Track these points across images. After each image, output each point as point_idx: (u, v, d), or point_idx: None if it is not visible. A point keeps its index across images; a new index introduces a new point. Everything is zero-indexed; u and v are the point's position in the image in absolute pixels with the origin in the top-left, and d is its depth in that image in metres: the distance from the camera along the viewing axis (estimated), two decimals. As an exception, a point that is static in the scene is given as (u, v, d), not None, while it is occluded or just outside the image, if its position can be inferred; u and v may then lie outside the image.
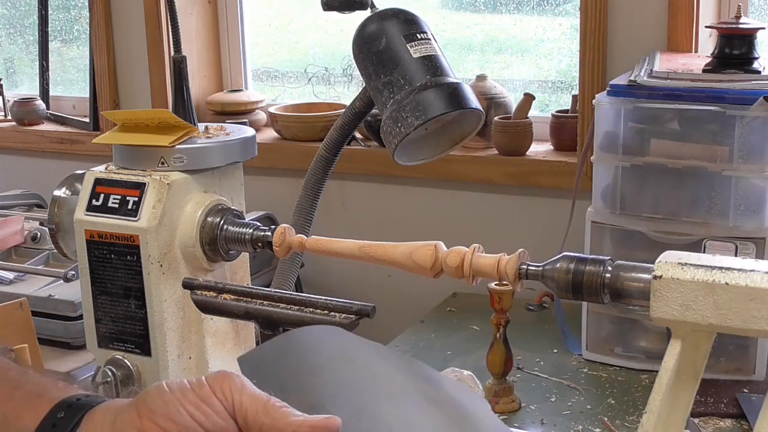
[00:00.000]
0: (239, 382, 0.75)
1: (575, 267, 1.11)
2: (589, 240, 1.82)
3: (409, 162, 1.38)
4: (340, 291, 2.46)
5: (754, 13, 2.21)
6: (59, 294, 2.18)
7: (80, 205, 1.38)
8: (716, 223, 1.73)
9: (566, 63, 2.49)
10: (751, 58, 1.79)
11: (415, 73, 1.30)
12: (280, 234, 1.32)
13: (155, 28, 2.69)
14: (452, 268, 1.19)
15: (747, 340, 1.72)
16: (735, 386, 1.72)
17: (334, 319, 1.23)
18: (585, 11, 2.17)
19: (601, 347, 1.87)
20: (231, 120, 2.49)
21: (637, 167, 1.79)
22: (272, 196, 2.55)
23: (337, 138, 1.47)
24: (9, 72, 3.31)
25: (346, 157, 1.65)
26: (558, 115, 2.34)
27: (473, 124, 1.38)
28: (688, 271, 0.96)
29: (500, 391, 1.68)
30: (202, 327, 1.41)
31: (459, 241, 1.25)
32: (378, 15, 1.36)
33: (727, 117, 1.69)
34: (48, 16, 3.05)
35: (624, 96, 1.76)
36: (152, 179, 1.34)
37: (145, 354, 1.37)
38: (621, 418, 1.64)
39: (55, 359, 2.08)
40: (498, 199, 2.37)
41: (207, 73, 2.80)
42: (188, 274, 1.37)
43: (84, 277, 1.39)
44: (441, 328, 2.08)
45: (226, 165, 1.42)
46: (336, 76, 2.78)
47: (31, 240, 2.46)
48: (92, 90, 2.85)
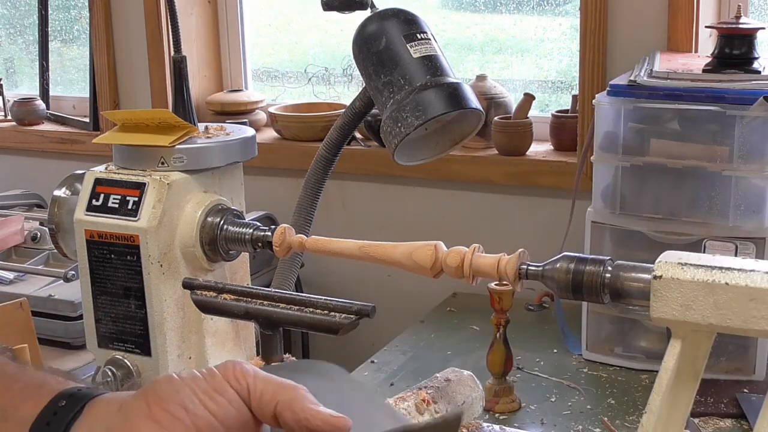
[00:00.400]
0: (250, 367, 0.74)
1: (575, 267, 1.11)
2: (589, 240, 1.82)
3: (409, 162, 1.38)
4: (340, 291, 2.46)
5: (754, 13, 2.21)
6: (59, 294, 2.19)
7: (80, 205, 1.38)
8: (716, 223, 1.73)
9: (566, 63, 2.49)
10: (751, 58, 1.79)
11: (415, 73, 1.30)
12: (280, 234, 1.32)
13: (155, 28, 2.69)
14: (452, 268, 1.19)
15: (747, 340, 1.72)
16: (735, 386, 1.72)
17: (334, 319, 1.23)
18: (585, 11, 2.17)
19: (601, 347, 1.87)
20: (231, 120, 2.49)
21: (637, 167, 1.79)
22: (272, 196, 2.55)
23: (337, 138, 1.47)
24: (9, 72, 3.31)
25: (346, 157, 1.65)
26: (558, 115, 2.34)
27: (473, 124, 1.38)
28: (688, 271, 0.96)
29: (500, 391, 1.68)
30: (202, 327, 1.41)
31: (459, 241, 1.25)
32: (378, 15, 1.36)
33: (727, 117, 1.69)
34: (48, 16, 3.05)
35: (624, 96, 1.76)
36: (152, 179, 1.34)
37: (145, 354, 1.37)
38: (621, 418, 1.64)
39: (55, 359, 2.08)
40: (498, 199, 2.37)
41: (207, 73, 2.80)
42: (188, 274, 1.37)
43: (84, 277, 1.39)
44: (441, 328, 2.08)
45: (226, 165, 1.42)
46: (336, 76, 2.78)
47: (31, 240, 2.46)
48: (92, 90, 2.85)
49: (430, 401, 1.42)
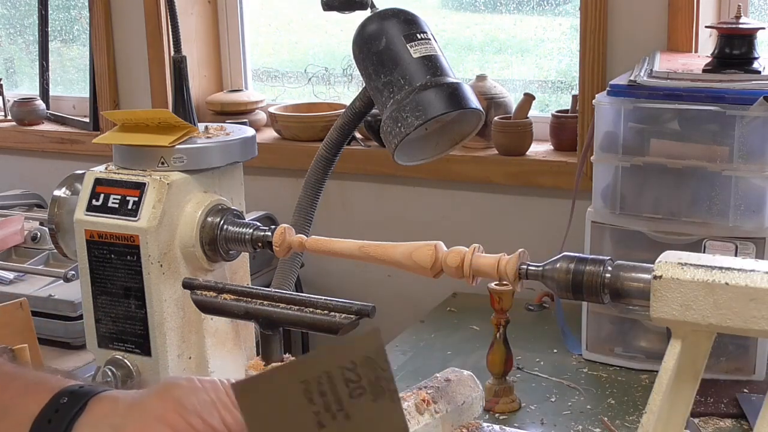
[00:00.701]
0: None
1: (575, 267, 1.11)
2: (589, 240, 1.82)
3: (409, 162, 1.38)
4: (340, 291, 2.46)
5: (754, 13, 2.21)
6: (59, 294, 2.18)
7: (80, 205, 1.38)
8: (716, 223, 1.73)
9: (566, 63, 2.49)
10: (751, 58, 1.79)
11: (415, 73, 1.30)
12: (280, 234, 1.32)
13: (155, 28, 2.69)
14: (452, 268, 1.19)
15: (747, 340, 1.72)
16: (735, 386, 1.72)
17: (334, 319, 1.23)
18: (585, 11, 2.17)
19: (601, 347, 1.87)
20: (231, 120, 2.49)
21: (637, 167, 1.79)
22: (272, 196, 2.55)
23: (337, 138, 1.47)
24: (9, 72, 3.31)
25: (346, 157, 1.65)
26: (558, 115, 2.34)
27: (473, 124, 1.38)
28: (688, 271, 0.97)
29: (500, 391, 1.68)
30: (202, 327, 1.41)
31: (459, 241, 1.25)
32: (378, 15, 1.36)
33: (727, 117, 1.69)
34: (48, 16, 3.05)
35: (624, 96, 1.76)
36: (152, 179, 1.34)
37: (145, 354, 1.37)
38: (621, 418, 1.64)
39: (55, 359, 2.08)
40: (498, 199, 2.37)
41: (207, 73, 2.80)
42: (188, 274, 1.37)
43: (84, 277, 1.39)
44: (441, 328, 2.08)
45: (226, 165, 1.42)
46: (336, 76, 2.78)
47: (31, 240, 2.46)
48: (92, 90, 2.85)
49: (430, 401, 1.42)
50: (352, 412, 0.72)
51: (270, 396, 0.70)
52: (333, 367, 0.72)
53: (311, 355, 0.73)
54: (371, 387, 0.73)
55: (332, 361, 0.72)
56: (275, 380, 0.71)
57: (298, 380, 0.71)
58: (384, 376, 0.75)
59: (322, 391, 0.71)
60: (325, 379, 0.72)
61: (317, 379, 0.71)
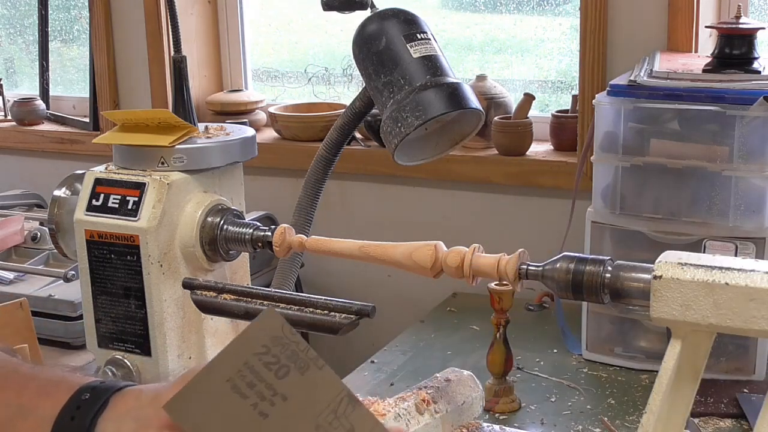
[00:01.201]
0: None
1: (575, 267, 1.11)
2: (589, 240, 1.82)
3: (409, 162, 1.38)
4: (340, 291, 2.46)
5: (754, 13, 2.21)
6: (59, 294, 2.18)
7: (80, 205, 1.38)
8: (716, 223, 1.73)
9: (566, 63, 2.49)
10: (751, 58, 1.79)
11: (415, 73, 1.30)
12: (280, 234, 1.33)
13: (155, 28, 2.69)
14: (452, 268, 1.19)
15: (747, 340, 1.72)
16: (735, 386, 1.72)
17: (334, 319, 1.23)
18: (585, 11, 2.17)
19: (601, 347, 1.87)
20: (231, 120, 2.49)
21: (637, 167, 1.79)
22: (272, 196, 2.55)
23: (337, 138, 1.47)
24: (9, 72, 3.31)
25: (346, 157, 1.65)
26: (558, 115, 2.34)
27: (473, 124, 1.38)
28: (688, 271, 0.97)
29: (500, 391, 1.68)
30: (202, 327, 1.41)
31: (459, 241, 1.25)
32: (378, 15, 1.36)
33: (727, 117, 1.69)
34: (48, 16, 3.05)
35: (624, 96, 1.76)
36: (152, 179, 1.34)
37: (145, 354, 1.38)
38: (621, 418, 1.64)
39: (55, 359, 2.08)
40: (498, 199, 2.37)
41: (207, 73, 2.80)
42: (188, 274, 1.37)
43: (84, 277, 1.40)
44: (441, 328, 2.08)
45: (226, 165, 1.42)
46: (336, 76, 2.78)
47: (31, 240, 2.46)
48: (92, 90, 2.85)
49: (430, 401, 1.42)
50: (287, 392, 0.72)
51: (203, 405, 0.71)
52: (248, 357, 0.73)
53: (223, 354, 0.74)
54: (293, 362, 0.74)
55: (244, 351, 0.73)
56: (201, 388, 0.71)
57: (223, 380, 0.71)
58: (299, 349, 0.76)
59: (249, 382, 0.72)
60: (247, 371, 0.72)
61: (239, 373, 0.72)
